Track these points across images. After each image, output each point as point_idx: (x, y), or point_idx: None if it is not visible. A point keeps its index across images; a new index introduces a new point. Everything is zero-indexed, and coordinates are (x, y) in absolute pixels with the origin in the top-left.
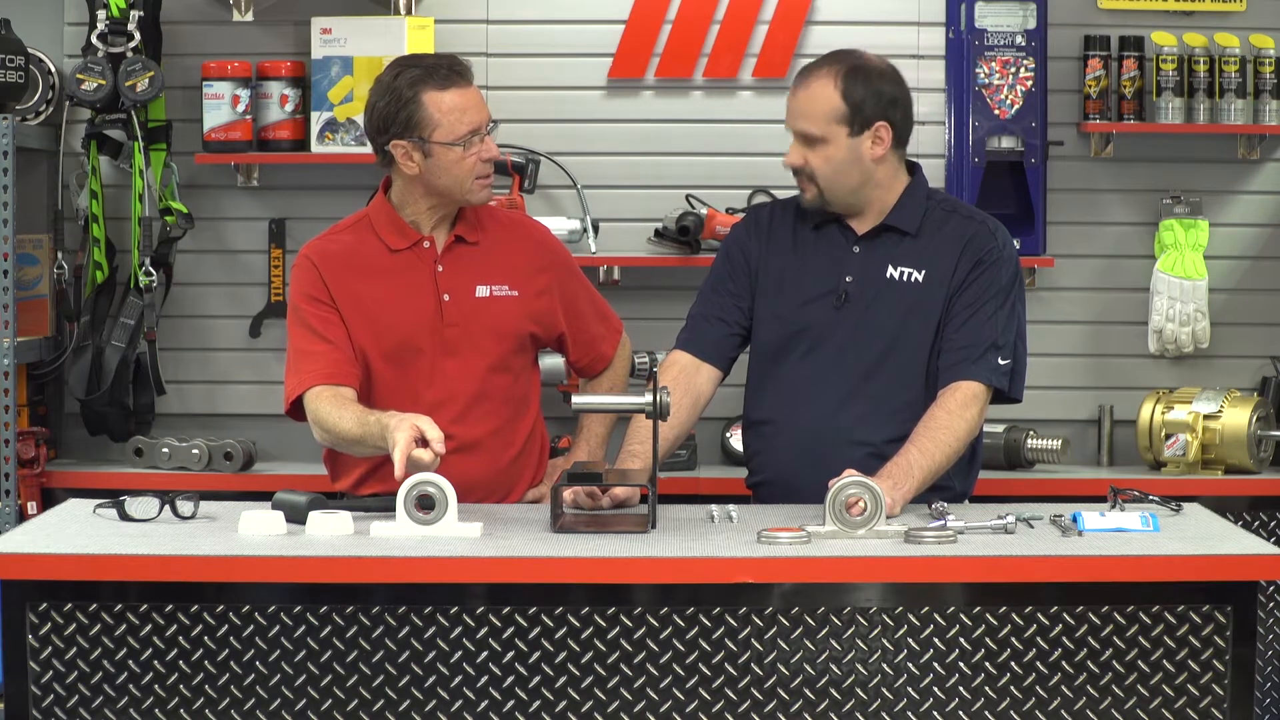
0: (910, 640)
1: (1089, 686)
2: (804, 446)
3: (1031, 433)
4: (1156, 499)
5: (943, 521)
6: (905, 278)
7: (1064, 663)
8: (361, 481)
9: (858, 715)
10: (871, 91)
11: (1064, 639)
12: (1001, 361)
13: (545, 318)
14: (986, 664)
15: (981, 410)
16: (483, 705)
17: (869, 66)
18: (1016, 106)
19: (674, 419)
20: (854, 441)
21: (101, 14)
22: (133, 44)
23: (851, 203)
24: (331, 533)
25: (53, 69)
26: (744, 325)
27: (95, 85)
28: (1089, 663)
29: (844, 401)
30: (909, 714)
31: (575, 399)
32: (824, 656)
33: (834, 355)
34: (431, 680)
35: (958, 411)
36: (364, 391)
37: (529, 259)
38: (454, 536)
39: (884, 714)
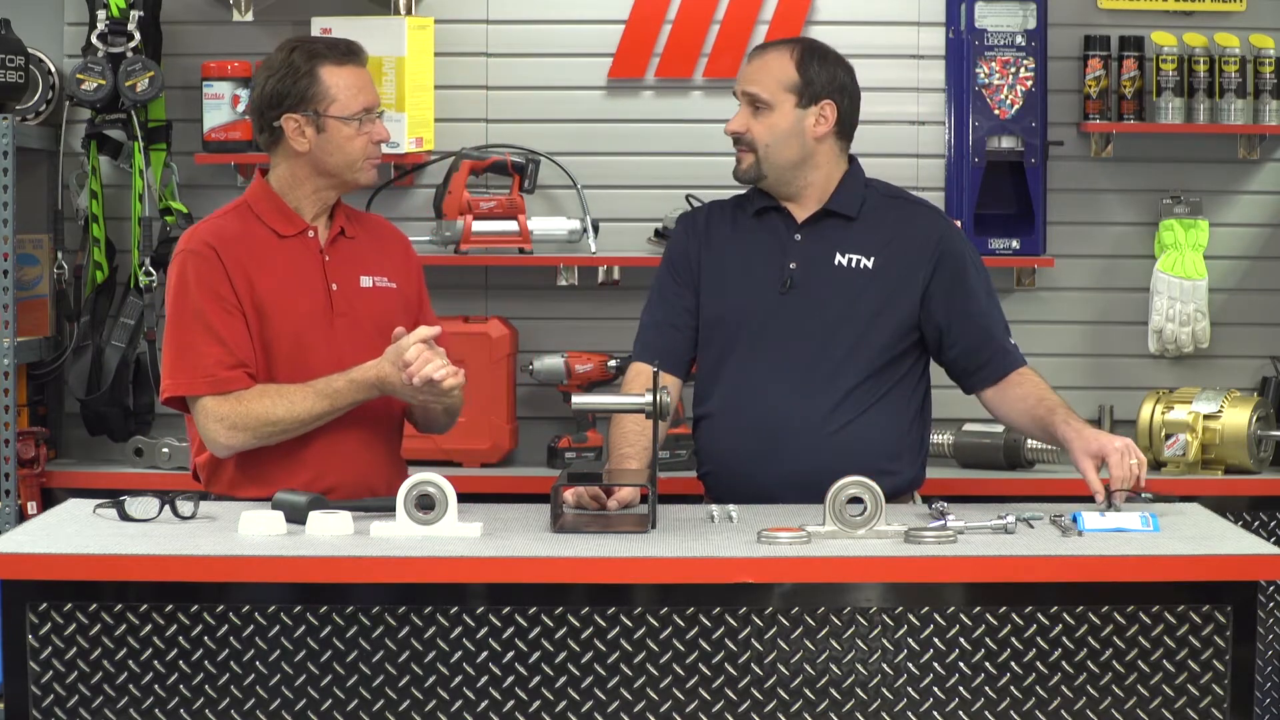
0: (910, 640)
1: (1089, 686)
2: (759, 436)
3: None
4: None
5: (943, 521)
6: (853, 264)
7: (1064, 663)
8: (237, 484)
9: (858, 715)
10: (826, 71)
11: (1064, 639)
12: (1013, 341)
13: (413, 309)
14: (986, 664)
15: None
16: (483, 705)
17: (827, 51)
18: (1016, 106)
19: (649, 428)
20: (810, 428)
21: (101, 14)
22: (133, 44)
23: (787, 180)
24: (331, 533)
25: (53, 69)
26: (694, 328)
27: (95, 85)
28: (1089, 663)
29: (796, 390)
30: (909, 714)
31: (575, 399)
32: (824, 656)
33: (782, 343)
34: (431, 680)
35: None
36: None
37: (400, 255)
38: (454, 536)
39: (884, 714)
